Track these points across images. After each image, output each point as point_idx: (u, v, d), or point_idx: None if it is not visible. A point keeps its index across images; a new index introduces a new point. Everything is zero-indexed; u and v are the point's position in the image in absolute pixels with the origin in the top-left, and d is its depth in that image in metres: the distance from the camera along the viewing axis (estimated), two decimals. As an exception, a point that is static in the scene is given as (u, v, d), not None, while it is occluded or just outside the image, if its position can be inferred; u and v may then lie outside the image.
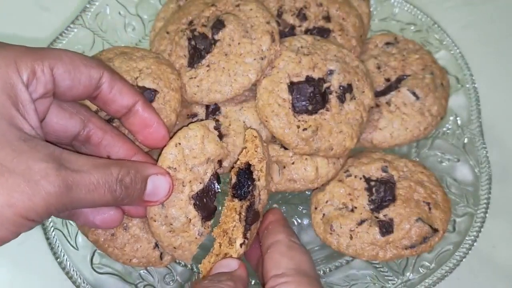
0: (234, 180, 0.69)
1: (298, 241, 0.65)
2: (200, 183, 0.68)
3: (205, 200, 0.68)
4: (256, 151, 0.68)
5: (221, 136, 0.72)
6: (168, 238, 0.68)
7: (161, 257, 0.75)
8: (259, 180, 0.68)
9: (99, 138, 0.64)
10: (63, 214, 0.62)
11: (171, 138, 0.68)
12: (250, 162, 0.68)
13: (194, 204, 0.68)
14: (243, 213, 0.66)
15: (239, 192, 0.68)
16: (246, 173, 0.68)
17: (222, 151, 0.70)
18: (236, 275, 0.61)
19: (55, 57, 0.55)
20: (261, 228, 0.69)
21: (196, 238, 0.68)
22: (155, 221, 0.67)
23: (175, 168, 0.66)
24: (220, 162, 0.71)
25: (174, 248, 0.68)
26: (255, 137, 0.69)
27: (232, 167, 0.70)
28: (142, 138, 0.67)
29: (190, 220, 0.68)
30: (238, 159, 0.69)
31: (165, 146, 0.67)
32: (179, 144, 0.67)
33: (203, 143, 0.68)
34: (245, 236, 0.65)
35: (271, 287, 0.58)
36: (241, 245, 0.65)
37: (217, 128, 0.71)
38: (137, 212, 0.68)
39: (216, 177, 0.70)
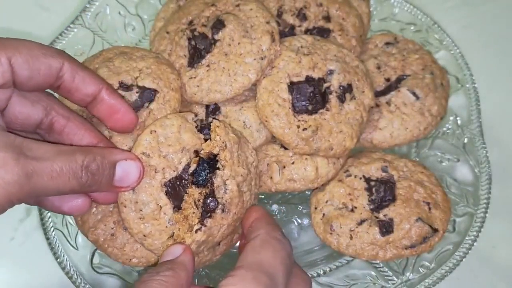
0: (192, 168, 0.69)
1: (280, 235, 0.63)
2: (174, 171, 0.68)
3: (177, 188, 0.68)
4: (215, 140, 0.68)
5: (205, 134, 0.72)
6: (138, 225, 0.67)
7: (161, 257, 0.75)
8: (223, 169, 0.68)
9: (62, 126, 0.64)
10: (29, 201, 0.62)
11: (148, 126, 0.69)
12: (213, 151, 0.68)
13: (166, 192, 0.68)
14: (201, 200, 0.66)
15: (197, 179, 0.68)
16: (207, 162, 0.69)
17: (198, 141, 0.70)
18: (178, 261, 0.60)
19: (13, 47, 0.55)
20: (245, 225, 0.69)
21: (166, 227, 0.68)
22: (125, 206, 0.67)
23: (149, 155, 0.67)
24: (196, 152, 0.70)
25: (144, 236, 0.68)
26: (217, 126, 0.69)
27: (197, 157, 0.70)
28: (111, 124, 0.67)
29: (161, 207, 0.68)
30: (202, 149, 0.69)
31: (141, 133, 0.68)
32: (155, 131, 0.68)
33: (179, 132, 0.69)
34: (202, 223, 0.66)
35: (225, 277, 0.57)
36: (196, 230, 0.65)
37: (202, 125, 0.72)
38: (104, 199, 0.68)
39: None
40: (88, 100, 0.64)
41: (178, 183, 0.68)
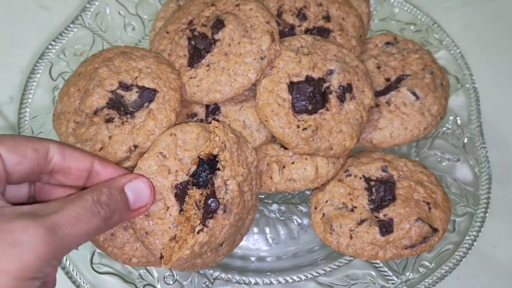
0: (193, 169, 0.69)
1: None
2: (186, 175, 0.69)
3: (186, 192, 0.68)
4: (214, 141, 0.68)
5: None
6: (142, 221, 0.68)
7: (161, 257, 0.75)
8: (224, 169, 0.68)
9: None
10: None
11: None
12: (213, 152, 0.68)
13: (176, 194, 0.68)
14: (202, 201, 0.66)
15: (197, 180, 0.68)
16: (207, 162, 0.69)
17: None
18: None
19: None
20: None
21: (169, 227, 0.68)
22: None
23: (165, 155, 0.68)
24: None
25: (146, 233, 0.68)
26: (216, 127, 0.69)
27: (198, 158, 0.70)
28: None
29: (168, 207, 0.68)
30: (202, 150, 0.70)
31: (161, 133, 0.70)
32: (174, 134, 0.70)
33: (197, 140, 0.70)
34: (203, 224, 0.66)
35: None
36: (198, 231, 0.65)
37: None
38: None
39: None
40: (85, 175, 0.64)
41: (188, 187, 0.69)
